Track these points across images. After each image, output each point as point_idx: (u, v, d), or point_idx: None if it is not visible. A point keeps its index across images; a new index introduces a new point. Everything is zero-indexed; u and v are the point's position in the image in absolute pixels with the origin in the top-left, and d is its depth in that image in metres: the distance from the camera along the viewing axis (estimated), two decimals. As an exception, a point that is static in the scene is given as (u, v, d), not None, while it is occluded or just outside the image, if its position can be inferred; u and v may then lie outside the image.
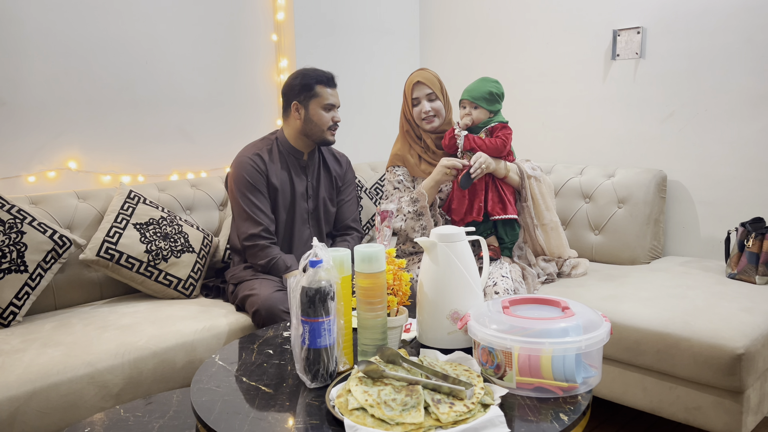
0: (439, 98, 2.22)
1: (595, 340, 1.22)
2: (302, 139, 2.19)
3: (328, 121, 2.15)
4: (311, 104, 2.13)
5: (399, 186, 2.26)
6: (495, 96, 2.17)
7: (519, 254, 2.26)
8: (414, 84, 2.21)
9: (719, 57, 2.47)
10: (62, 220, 2.19)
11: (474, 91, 2.18)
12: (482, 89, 2.17)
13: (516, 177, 2.20)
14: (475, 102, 2.16)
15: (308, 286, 1.23)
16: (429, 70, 2.26)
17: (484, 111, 2.17)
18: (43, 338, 1.83)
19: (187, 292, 2.24)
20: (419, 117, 2.23)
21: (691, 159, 2.58)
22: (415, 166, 2.26)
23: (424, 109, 2.20)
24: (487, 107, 2.17)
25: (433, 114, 2.21)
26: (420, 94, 2.21)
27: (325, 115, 2.14)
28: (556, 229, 2.26)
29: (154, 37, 2.58)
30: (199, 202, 2.52)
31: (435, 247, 1.44)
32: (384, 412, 1.08)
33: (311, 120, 2.14)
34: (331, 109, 2.15)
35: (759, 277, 2.16)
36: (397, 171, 2.29)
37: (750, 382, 1.73)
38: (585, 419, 1.20)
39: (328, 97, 2.13)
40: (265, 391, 1.28)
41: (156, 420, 1.40)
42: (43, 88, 2.32)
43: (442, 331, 1.44)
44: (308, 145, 2.21)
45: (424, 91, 2.20)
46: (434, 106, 2.21)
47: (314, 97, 2.12)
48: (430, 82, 2.21)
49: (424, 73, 2.23)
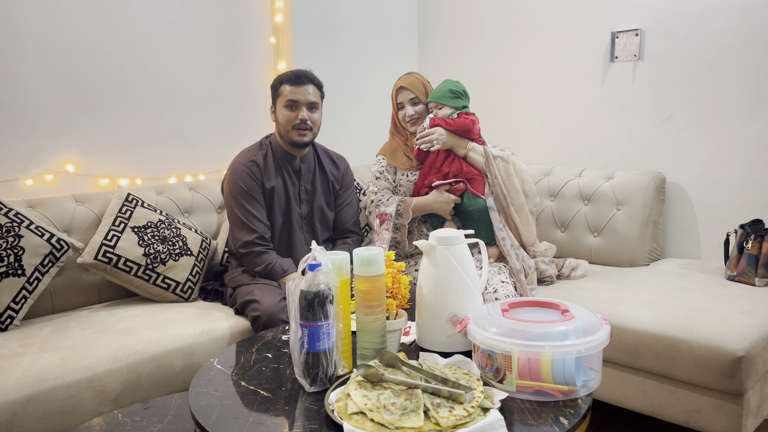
0: (422, 102, 2.31)
1: (595, 344, 1.22)
2: (284, 142, 2.18)
3: (293, 119, 2.10)
4: (277, 104, 2.15)
5: (380, 176, 2.36)
6: (456, 93, 2.26)
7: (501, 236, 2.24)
8: (398, 89, 2.32)
9: (718, 59, 2.47)
10: (60, 223, 2.18)
11: (436, 92, 2.28)
12: (443, 89, 2.27)
13: (479, 157, 2.25)
14: (438, 102, 2.26)
15: (307, 289, 1.23)
16: (415, 75, 2.36)
17: (449, 109, 2.26)
18: (40, 342, 1.82)
19: (185, 296, 2.23)
20: (404, 120, 2.33)
21: (690, 161, 2.58)
22: (390, 157, 2.36)
23: (408, 113, 2.31)
24: (452, 104, 2.26)
25: (417, 116, 2.32)
26: (404, 99, 2.32)
27: (288, 114, 2.10)
28: (523, 212, 2.26)
29: (152, 39, 2.58)
30: (197, 205, 2.52)
31: (434, 250, 1.44)
32: (383, 417, 1.08)
33: (278, 121, 2.15)
34: (295, 107, 2.10)
35: (758, 279, 2.16)
36: (381, 161, 2.39)
37: (750, 384, 1.72)
38: (585, 423, 1.20)
39: (288, 95, 2.10)
40: (264, 395, 1.28)
41: (154, 424, 1.40)
42: (40, 91, 2.31)
43: (441, 335, 1.43)
44: (294, 148, 2.20)
45: (408, 96, 2.30)
46: (417, 110, 2.32)
47: (278, 96, 2.14)
48: (414, 86, 2.30)
49: (409, 78, 2.32)
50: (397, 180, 2.35)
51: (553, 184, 2.76)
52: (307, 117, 2.11)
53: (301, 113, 2.10)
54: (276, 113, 2.16)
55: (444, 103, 2.25)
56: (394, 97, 2.35)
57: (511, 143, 2.42)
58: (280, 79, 2.15)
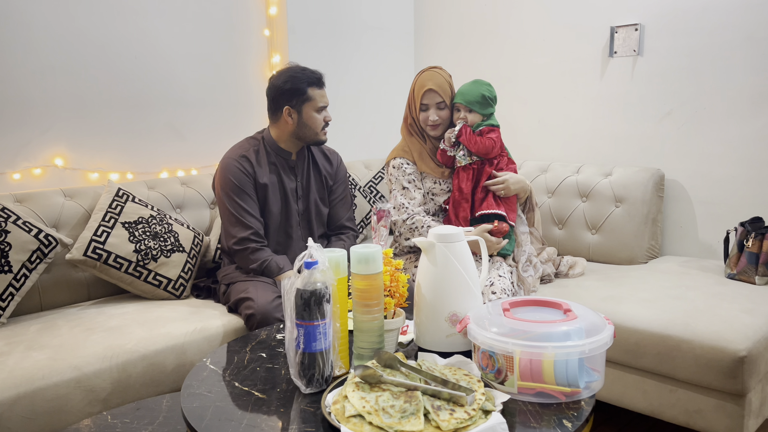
0: (448, 107, 2.18)
1: (598, 344, 1.19)
2: (292, 140, 2.14)
3: (322, 122, 2.12)
4: (304, 108, 2.08)
5: (409, 186, 2.19)
6: (488, 100, 2.15)
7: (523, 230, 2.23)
8: (426, 91, 2.15)
9: (718, 55, 2.44)
10: (48, 218, 2.13)
11: (468, 94, 2.15)
12: (475, 93, 2.14)
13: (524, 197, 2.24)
14: (469, 106, 2.15)
15: (303, 288, 1.19)
16: (441, 72, 2.20)
17: (478, 115, 2.16)
18: (27, 341, 1.77)
19: (177, 293, 2.19)
20: (425, 122, 2.19)
21: (689, 158, 2.56)
22: (420, 161, 2.22)
23: (432, 118, 2.16)
24: (480, 111, 2.15)
25: (439, 123, 2.17)
26: (430, 102, 2.16)
27: (318, 117, 2.11)
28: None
29: (143, 31, 2.52)
30: (189, 200, 2.47)
31: (433, 248, 1.40)
32: (382, 420, 1.04)
33: (305, 124, 2.09)
34: (323, 110, 2.12)
35: (759, 278, 2.14)
36: (406, 168, 2.21)
37: (752, 384, 1.70)
38: (588, 425, 1.17)
39: (321, 100, 2.10)
40: (258, 396, 1.24)
41: (145, 426, 1.36)
42: (29, 83, 2.26)
43: (440, 334, 1.40)
44: (297, 145, 2.17)
45: (435, 99, 2.15)
46: (442, 115, 2.17)
47: (307, 101, 2.07)
48: (443, 90, 2.15)
49: (437, 78, 2.16)
50: (428, 188, 2.21)
51: (551, 181, 2.73)
52: (330, 117, 2.16)
53: (328, 114, 2.14)
54: (302, 117, 2.08)
55: (474, 108, 2.13)
56: (419, 97, 2.16)
57: (508, 139, 2.38)
58: (304, 81, 2.06)
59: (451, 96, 2.19)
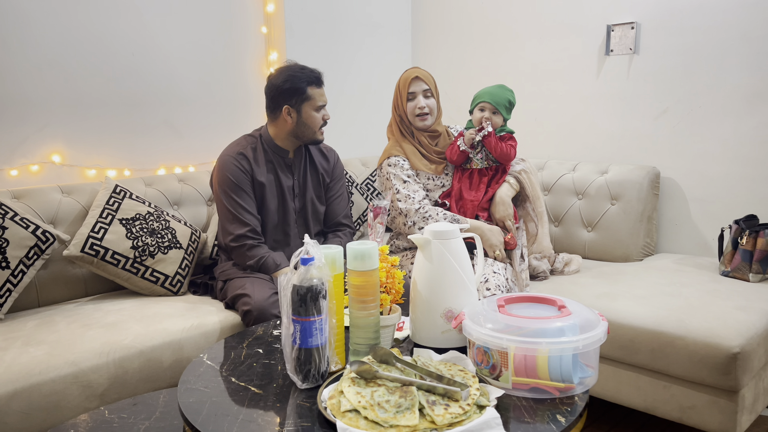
0: (434, 96, 2.22)
1: (592, 340, 1.20)
2: (290, 139, 2.15)
3: (320, 120, 2.13)
4: (304, 107, 2.08)
5: (408, 180, 2.19)
6: (512, 105, 2.21)
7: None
8: (412, 79, 2.19)
9: (714, 53, 2.45)
10: (45, 215, 2.14)
11: (497, 96, 2.18)
12: (503, 96, 2.18)
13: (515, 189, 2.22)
14: (496, 107, 2.17)
15: (299, 284, 1.20)
16: (424, 69, 2.26)
17: (501, 118, 2.19)
18: (25, 337, 1.78)
19: (174, 289, 2.19)
20: (413, 113, 2.21)
21: (684, 156, 2.57)
22: (413, 160, 2.23)
23: (419, 105, 2.18)
24: (505, 115, 2.20)
25: (427, 111, 2.20)
26: (417, 89, 2.19)
27: (317, 116, 2.11)
28: (543, 218, 2.26)
29: (140, 28, 2.52)
30: (186, 197, 2.48)
31: (429, 245, 1.41)
32: (378, 414, 1.05)
33: (304, 123, 2.10)
34: (322, 108, 2.13)
35: (753, 275, 2.15)
36: (403, 164, 2.21)
37: (745, 381, 1.71)
38: (582, 420, 1.18)
39: (320, 99, 2.10)
40: (255, 391, 1.25)
41: (142, 421, 1.36)
42: (26, 80, 2.26)
43: (435, 330, 1.41)
44: (295, 143, 2.18)
45: (421, 86, 2.19)
46: (429, 103, 2.20)
47: (307, 100, 2.08)
48: (427, 78, 2.21)
49: (421, 71, 2.23)
50: (423, 184, 2.23)
51: (547, 179, 2.74)
52: (329, 116, 2.16)
53: (327, 113, 2.14)
54: (301, 116, 2.08)
55: (501, 111, 2.17)
56: (405, 87, 2.19)
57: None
58: (303, 80, 2.06)
59: (435, 88, 2.24)
